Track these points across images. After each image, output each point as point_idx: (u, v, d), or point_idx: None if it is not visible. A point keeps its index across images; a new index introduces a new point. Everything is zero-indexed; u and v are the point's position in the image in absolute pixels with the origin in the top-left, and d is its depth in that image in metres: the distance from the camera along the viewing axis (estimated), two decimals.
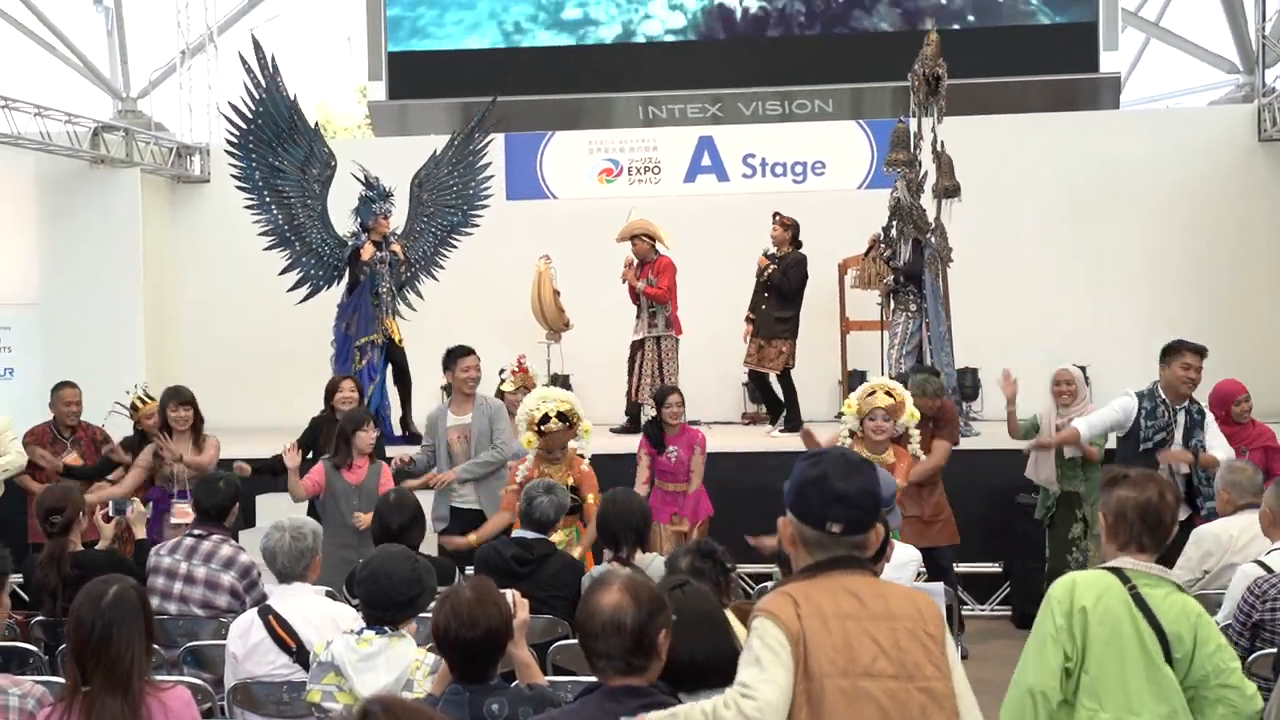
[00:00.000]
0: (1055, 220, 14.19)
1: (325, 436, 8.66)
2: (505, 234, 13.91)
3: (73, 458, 9.34)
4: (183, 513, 7.75)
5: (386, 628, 4.52)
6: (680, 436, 8.82)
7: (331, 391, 9.13)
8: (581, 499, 7.49)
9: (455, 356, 8.69)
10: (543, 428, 7.52)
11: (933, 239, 11.29)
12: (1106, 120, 15.06)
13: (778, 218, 12.18)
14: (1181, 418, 7.81)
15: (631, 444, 9.47)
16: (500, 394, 9.76)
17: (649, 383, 11.71)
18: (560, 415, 7.52)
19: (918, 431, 8.10)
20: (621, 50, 15.88)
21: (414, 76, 16.08)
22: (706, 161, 15.11)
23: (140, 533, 6.80)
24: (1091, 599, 4.01)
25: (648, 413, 9.39)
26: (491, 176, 12.82)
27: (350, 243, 11.76)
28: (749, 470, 9.40)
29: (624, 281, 12.05)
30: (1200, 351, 7.88)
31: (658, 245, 12.01)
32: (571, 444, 7.73)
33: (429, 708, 2.80)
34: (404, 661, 4.47)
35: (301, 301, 11.88)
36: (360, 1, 16.38)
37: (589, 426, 7.87)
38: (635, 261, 11.96)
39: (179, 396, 8.52)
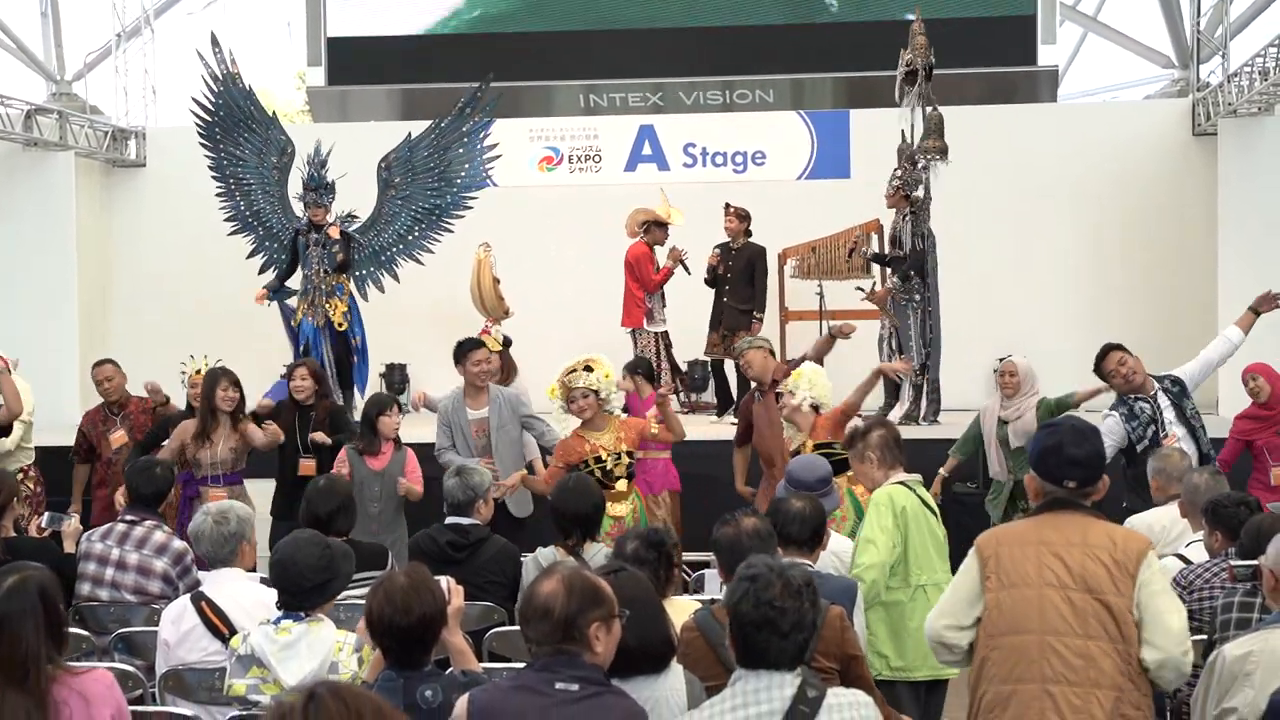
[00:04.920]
0: (992, 211, 14.23)
1: (262, 424, 8.36)
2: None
3: (119, 435, 9.00)
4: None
5: (302, 614, 4.50)
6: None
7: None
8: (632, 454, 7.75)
9: (465, 350, 8.26)
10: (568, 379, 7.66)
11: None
12: (1044, 113, 15.15)
13: (731, 209, 12.21)
14: (1163, 399, 7.90)
15: None
16: None
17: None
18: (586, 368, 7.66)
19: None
20: (563, 38, 15.80)
21: (354, 62, 15.96)
22: (647, 150, 15.04)
23: (70, 548, 6.40)
24: (905, 502, 5.58)
25: None
26: (500, 157, 12.33)
27: (294, 227, 11.66)
28: (688, 459, 9.35)
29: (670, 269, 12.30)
30: (1115, 347, 8.04)
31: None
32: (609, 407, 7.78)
33: (372, 693, 2.77)
34: (326, 645, 4.47)
35: (271, 286, 11.67)
36: None
37: (609, 372, 7.83)
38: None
39: (229, 377, 8.23)
